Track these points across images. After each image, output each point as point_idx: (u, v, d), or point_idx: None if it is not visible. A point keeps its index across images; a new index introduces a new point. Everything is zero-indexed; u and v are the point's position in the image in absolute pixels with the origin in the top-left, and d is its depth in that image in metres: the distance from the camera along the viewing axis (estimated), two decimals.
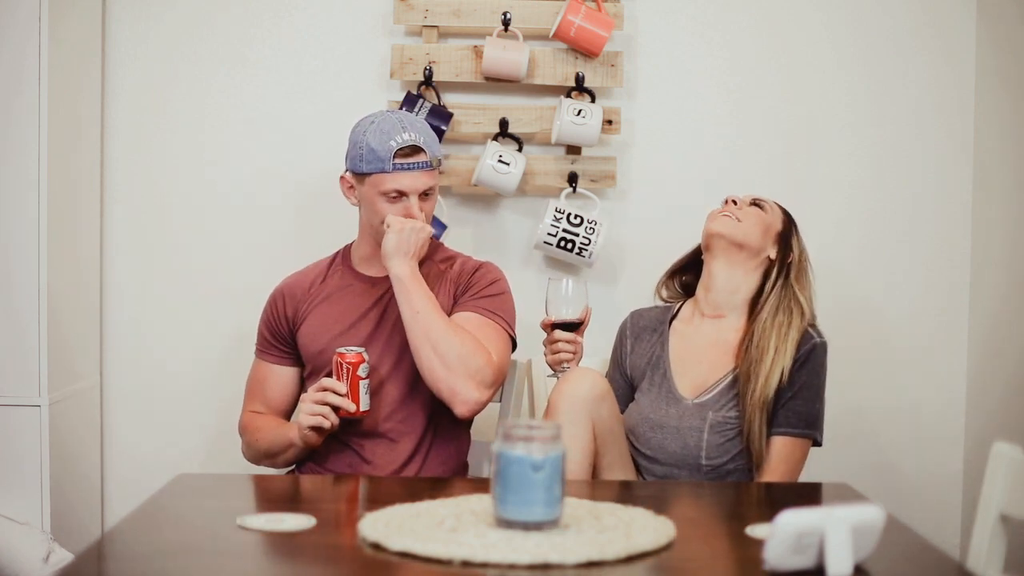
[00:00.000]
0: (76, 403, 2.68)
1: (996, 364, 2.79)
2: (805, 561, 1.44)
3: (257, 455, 2.36)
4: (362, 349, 2.20)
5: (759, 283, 2.30)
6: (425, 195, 2.29)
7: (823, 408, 2.25)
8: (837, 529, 1.42)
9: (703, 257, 2.35)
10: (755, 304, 2.28)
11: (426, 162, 2.27)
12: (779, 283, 2.27)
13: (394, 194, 2.26)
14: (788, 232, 2.33)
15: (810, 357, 2.22)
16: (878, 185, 2.89)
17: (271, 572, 1.55)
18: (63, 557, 2.39)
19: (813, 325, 2.27)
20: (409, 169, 2.25)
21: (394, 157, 2.24)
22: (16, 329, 2.48)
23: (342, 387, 2.17)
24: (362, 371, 2.18)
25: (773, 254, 2.31)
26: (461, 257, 2.42)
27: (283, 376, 2.40)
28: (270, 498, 1.93)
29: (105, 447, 2.85)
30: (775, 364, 2.18)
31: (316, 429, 2.18)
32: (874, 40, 2.87)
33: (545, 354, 2.29)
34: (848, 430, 2.88)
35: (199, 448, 2.86)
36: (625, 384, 2.35)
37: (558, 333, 2.24)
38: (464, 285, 2.34)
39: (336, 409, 2.17)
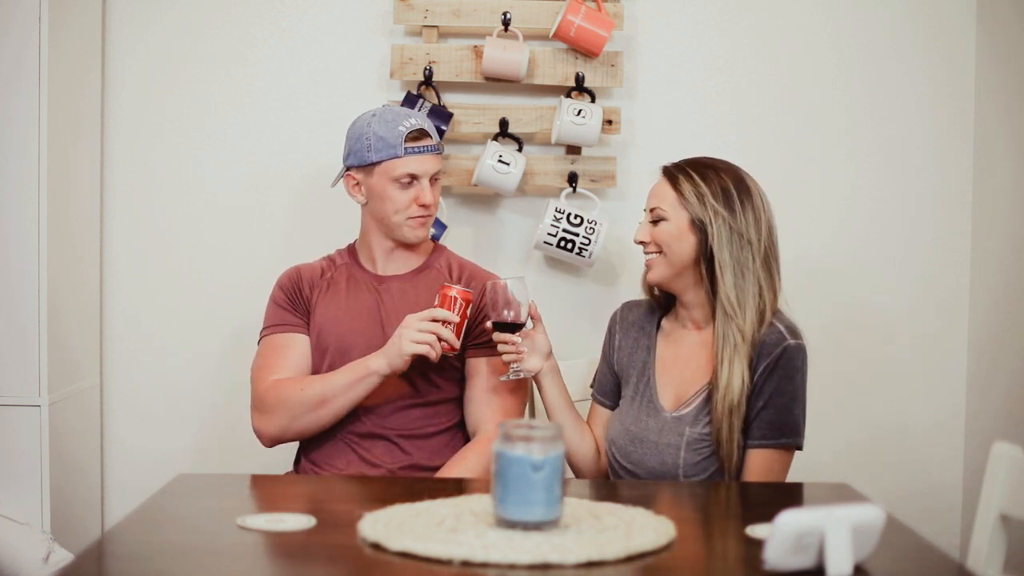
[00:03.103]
0: (76, 403, 2.68)
1: (996, 365, 2.79)
2: (805, 561, 1.44)
3: (301, 407, 2.24)
4: (471, 289, 2.21)
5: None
6: (434, 180, 2.33)
7: (803, 413, 2.13)
8: (837, 529, 1.42)
9: None
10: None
11: (434, 146, 2.32)
12: (719, 281, 2.12)
13: (406, 179, 2.29)
14: (699, 216, 2.13)
15: (780, 363, 2.09)
16: (878, 186, 2.89)
17: (271, 572, 1.55)
18: (63, 557, 2.39)
19: (777, 313, 2.14)
20: (420, 152, 2.29)
21: (405, 141, 2.28)
22: (16, 329, 2.48)
23: (455, 318, 2.16)
24: (469, 311, 2.19)
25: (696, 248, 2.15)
26: (463, 265, 2.42)
27: (306, 345, 2.35)
28: (270, 498, 1.93)
29: (105, 447, 2.85)
30: (733, 365, 2.08)
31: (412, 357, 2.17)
32: (874, 40, 2.88)
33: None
34: (848, 430, 2.88)
35: (199, 448, 2.86)
36: (614, 379, 2.29)
37: (496, 335, 2.17)
38: (475, 315, 2.31)
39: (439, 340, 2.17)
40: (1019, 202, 2.70)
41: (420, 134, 2.30)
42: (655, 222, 2.18)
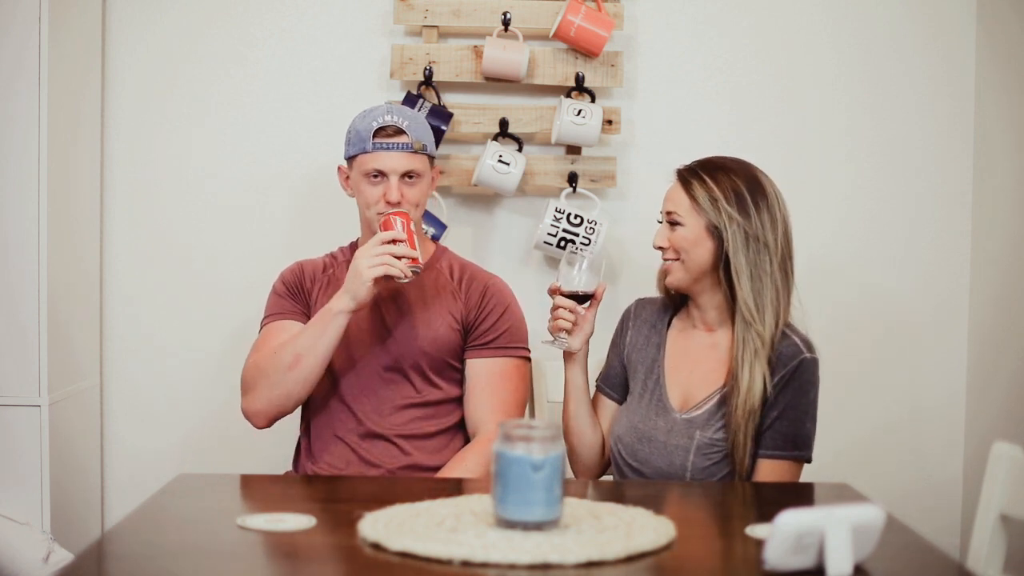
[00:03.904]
0: (76, 403, 2.68)
1: (996, 364, 2.79)
2: (805, 561, 1.44)
3: (277, 371, 2.22)
4: (407, 209, 2.24)
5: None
6: (409, 179, 2.28)
7: (814, 426, 2.13)
8: (837, 529, 1.42)
9: None
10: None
11: (407, 143, 2.27)
12: (736, 287, 2.11)
13: (374, 174, 2.27)
14: (714, 222, 2.12)
15: (796, 374, 2.09)
16: (878, 186, 2.89)
17: (271, 572, 1.55)
18: (63, 557, 2.39)
19: (789, 325, 2.14)
20: (388, 149, 2.26)
21: (374, 136, 2.26)
22: (16, 329, 2.48)
23: (402, 235, 2.17)
24: (413, 226, 2.20)
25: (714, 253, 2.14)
26: (463, 266, 2.41)
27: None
28: (270, 498, 1.93)
29: (105, 447, 2.86)
30: (754, 370, 2.08)
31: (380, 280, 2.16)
32: (874, 40, 2.88)
33: (549, 320, 2.21)
34: (848, 430, 2.88)
35: (199, 448, 2.86)
36: (622, 371, 2.28)
37: (560, 299, 2.17)
38: (475, 316, 2.33)
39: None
40: (1019, 202, 2.71)
41: (394, 131, 2.27)
42: (672, 227, 2.17)
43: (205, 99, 2.84)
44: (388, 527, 1.59)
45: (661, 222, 2.20)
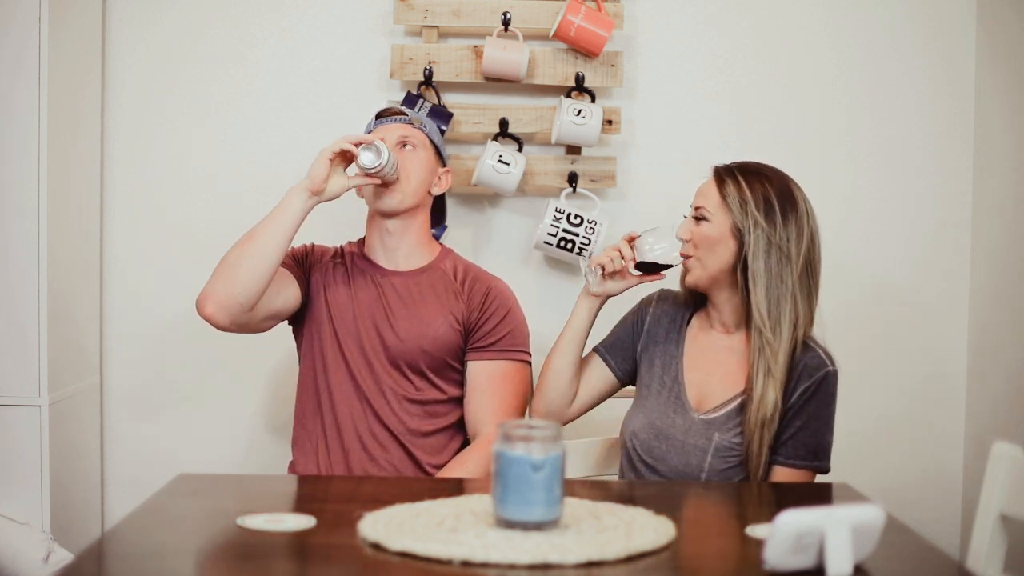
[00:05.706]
0: (76, 403, 2.68)
1: (996, 365, 2.79)
2: (805, 561, 1.44)
3: (233, 252, 2.24)
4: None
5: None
6: (403, 145, 2.37)
7: (832, 437, 2.16)
8: (837, 529, 1.42)
9: None
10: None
11: (405, 118, 2.40)
12: (751, 292, 2.11)
13: None
14: (739, 225, 2.12)
15: (821, 386, 2.11)
16: (878, 186, 2.89)
17: (271, 572, 1.55)
18: (63, 557, 2.39)
19: (810, 337, 2.14)
20: (385, 122, 2.40)
21: (376, 119, 2.41)
22: (16, 329, 2.48)
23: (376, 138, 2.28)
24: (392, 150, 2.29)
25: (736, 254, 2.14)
26: (467, 268, 2.42)
27: (286, 280, 2.33)
28: (270, 498, 1.93)
29: (105, 447, 2.85)
30: (767, 380, 2.08)
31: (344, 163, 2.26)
32: (874, 40, 2.88)
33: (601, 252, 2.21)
34: (847, 430, 2.87)
35: (199, 448, 2.85)
36: (632, 347, 2.27)
37: (623, 245, 2.19)
38: (476, 317, 2.34)
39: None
40: (1019, 202, 2.71)
41: (396, 112, 2.41)
42: (698, 221, 2.17)
43: (205, 99, 2.84)
44: (388, 527, 1.59)
45: (686, 216, 2.21)
